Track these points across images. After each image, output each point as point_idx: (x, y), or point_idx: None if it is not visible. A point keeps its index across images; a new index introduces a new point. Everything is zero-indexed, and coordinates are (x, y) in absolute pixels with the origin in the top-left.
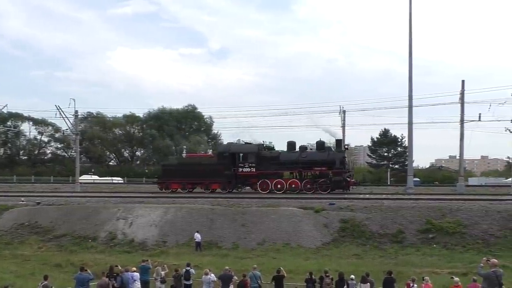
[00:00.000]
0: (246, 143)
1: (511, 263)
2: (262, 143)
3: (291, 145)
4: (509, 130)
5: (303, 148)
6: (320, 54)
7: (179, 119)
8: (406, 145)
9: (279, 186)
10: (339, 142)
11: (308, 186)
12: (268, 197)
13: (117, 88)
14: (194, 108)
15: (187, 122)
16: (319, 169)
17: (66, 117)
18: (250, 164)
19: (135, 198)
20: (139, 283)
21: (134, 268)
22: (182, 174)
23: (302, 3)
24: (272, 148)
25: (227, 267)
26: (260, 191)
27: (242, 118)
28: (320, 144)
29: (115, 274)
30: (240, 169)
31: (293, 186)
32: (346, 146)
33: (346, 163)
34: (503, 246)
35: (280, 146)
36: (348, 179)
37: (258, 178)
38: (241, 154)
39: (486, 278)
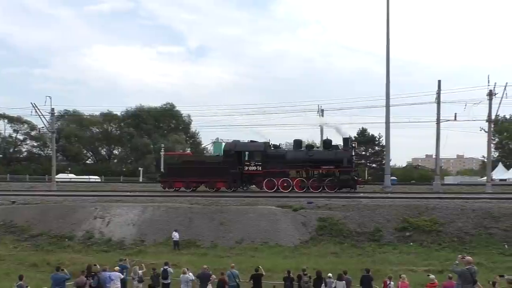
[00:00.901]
0: (251, 141)
1: (485, 261)
2: (268, 141)
3: (298, 143)
4: (484, 129)
5: (309, 146)
6: (298, 54)
7: (157, 118)
8: (384, 144)
9: (285, 184)
10: (346, 141)
11: (315, 185)
12: (246, 196)
13: (94, 86)
14: (173, 106)
15: (165, 121)
16: (327, 167)
17: (42, 115)
18: (256, 163)
19: (113, 197)
20: (119, 283)
21: (117, 268)
22: (186, 173)
23: (280, 2)
24: (278, 147)
25: (205, 266)
26: (266, 190)
27: (221, 117)
28: (327, 143)
29: (93, 273)
30: (246, 168)
31: (299, 185)
32: (353, 145)
33: (353, 161)
34: (477, 244)
35: None
36: (356, 178)
37: (264, 176)
38: (247, 153)
39: (461, 275)
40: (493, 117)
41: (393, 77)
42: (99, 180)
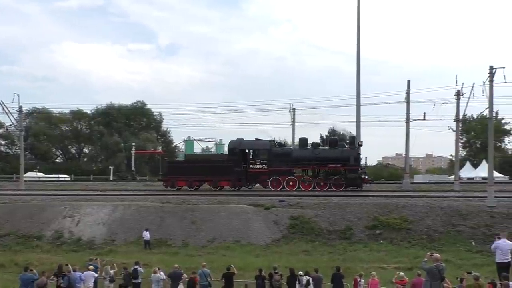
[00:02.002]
0: (256, 139)
1: (453, 258)
2: (273, 139)
3: (303, 141)
4: (452, 129)
5: (315, 145)
6: (269, 52)
7: (128, 116)
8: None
9: (291, 183)
10: (352, 139)
11: (322, 183)
12: (218, 195)
13: (64, 83)
14: (144, 104)
15: (136, 119)
16: (333, 166)
17: (10, 113)
18: (261, 161)
19: (83, 196)
20: (92, 283)
21: (91, 267)
22: (189, 171)
23: (252, 1)
24: (283, 145)
25: (176, 265)
26: (272, 189)
27: (193, 115)
28: (333, 141)
29: (63, 274)
30: (251, 166)
31: (306, 183)
32: (360, 143)
33: (360, 160)
34: (446, 241)
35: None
36: (363, 177)
37: (269, 175)
38: (252, 151)
39: (429, 272)
40: (460, 116)
41: (363, 76)
42: (69, 179)
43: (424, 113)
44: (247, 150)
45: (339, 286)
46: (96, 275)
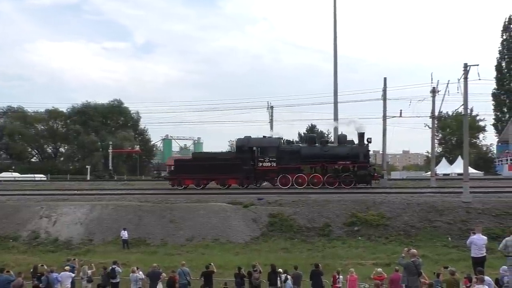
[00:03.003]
0: (264, 137)
1: (430, 253)
2: (282, 137)
3: (312, 139)
4: (428, 126)
5: (324, 142)
6: (246, 50)
7: (104, 114)
8: (332, 140)
9: (300, 180)
10: (361, 136)
11: (331, 180)
12: (196, 193)
13: (39, 82)
14: (120, 103)
15: (113, 118)
16: (343, 163)
17: None
18: (270, 159)
19: (59, 196)
20: (69, 284)
21: (67, 268)
22: (196, 170)
23: None
24: (291, 142)
25: (155, 264)
26: (280, 186)
27: (170, 114)
28: (342, 138)
29: (38, 274)
30: (260, 164)
31: (315, 180)
32: (369, 140)
33: (370, 156)
34: (423, 237)
35: (209, 141)
36: (372, 173)
37: (278, 173)
38: (260, 148)
39: (406, 267)
40: (436, 113)
41: (340, 74)
42: (45, 178)
43: (401, 110)
44: (255, 148)
45: (318, 283)
46: (73, 275)
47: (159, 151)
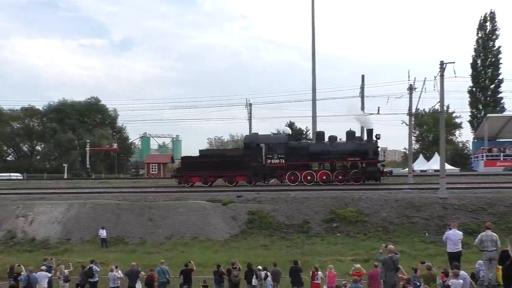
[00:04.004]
0: (273, 133)
1: (408, 249)
2: (290, 133)
3: (320, 135)
4: (405, 123)
5: (333, 138)
6: (225, 47)
7: (81, 112)
8: (311, 137)
9: (308, 177)
10: (370, 132)
11: (340, 177)
12: (175, 191)
13: (14, 80)
14: (98, 100)
15: (91, 115)
16: (352, 159)
17: None
18: (279, 155)
19: (36, 195)
20: (46, 284)
21: (44, 267)
22: (204, 167)
23: None
24: (299, 139)
25: (133, 263)
26: (289, 183)
27: (149, 111)
28: (350, 134)
29: (15, 274)
30: (268, 161)
31: (324, 177)
32: (377, 136)
33: (378, 153)
34: (400, 232)
35: (188, 138)
36: (381, 170)
37: (287, 169)
38: (269, 145)
39: (384, 263)
40: (413, 110)
41: (319, 71)
42: (21, 177)
43: (378, 107)
44: (263, 145)
45: (297, 279)
46: (50, 275)
47: (137, 149)
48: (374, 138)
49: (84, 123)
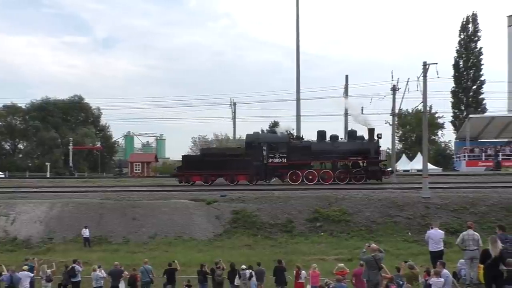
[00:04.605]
0: (274, 132)
1: (391, 248)
2: (291, 132)
3: (321, 134)
4: (389, 122)
5: (334, 137)
6: (209, 46)
7: (64, 110)
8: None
9: (310, 177)
10: (371, 131)
11: (342, 176)
12: (159, 190)
13: None
14: (81, 98)
15: (74, 114)
16: (354, 158)
17: None
18: (281, 155)
19: (18, 194)
20: (28, 284)
21: (26, 267)
22: (205, 166)
23: None
24: (301, 138)
25: (116, 262)
26: (290, 182)
27: (133, 110)
28: (352, 134)
29: None
30: (270, 160)
31: (325, 176)
32: (379, 135)
33: (380, 152)
34: (383, 232)
35: (172, 137)
36: (383, 169)
37: (288, 169)
38: (271, 144)
39: (367, 262)
40: (396, 111)
41: (303, 71)
42: (3, 176)
43: (362, 107)
44: (265, 144)
45: (281, 279)
46: (32, 275)
47: (120, 148)
48: (376, 138)
49: (67, 121)
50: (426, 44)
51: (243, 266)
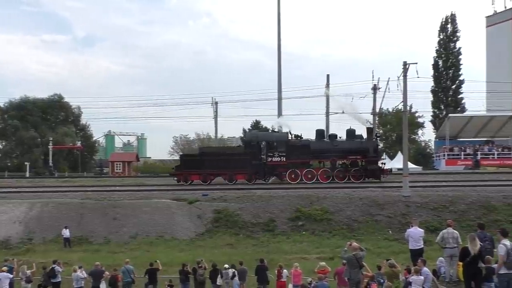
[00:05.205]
0: (273, 131)
1: (372, 246)
2: (290, 131)
3: (320, 133)
4: (370, 122)
5: (333, 136)
6: (189, 45)
7: (44, 109)
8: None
9: (309, 176)
10: (370, 130)
11: (341, 175)
12: (140, 190)
13: None
14: (61, 97)
15: (53, 113)
16: (353, 157)
17: None
18: (280, 153)
19: None
20: (7, 285)
21: (5, 268)
22: (204, 165)
23: None
24: (300, 137)
25: (97, 263)
26: (289, 181)
27: (114, 109)
28: (351, 132)
29: None
30: (269, 159)
31: (324, 175)
32: (377, 134)
33: (379, 151)
34: (365, 230)
35: (153, 137)
36: (382, 168)
37: (287, 167)
38: (270, 143)
39: (348, 260)
40: (377, 110)
41: (284, 70)
42: None
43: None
44: (264, 142)
45: (263, 278)
46: (11, 276)
47: (101, 147)
48: (374, 137)
49: (47, 120)
50: (407, 44)
51: (226, 266)
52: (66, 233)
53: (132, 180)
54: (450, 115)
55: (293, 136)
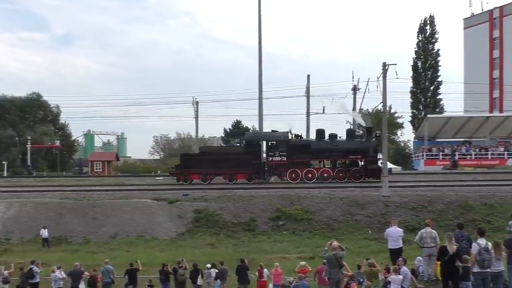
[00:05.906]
0: (273, 131)
1: (352, 246)
2: (290, 131)
3: (320, 133)
4: (350, 122)
5: (333, 136)
6: (169, 45)
7: (22, 108)
8: None
9: (309, 175)
10: (369, 130)
11: (341, 174)
12: (120, 189)
13: None
14: (39, 96)
15: (32, 111)
16: (354, 157)
17: None
18: (280, 153)
19: None
20: None
21: None
22: (204, 164)
23: None
24: (300, 136)
25: (77, 263)
26: (289, 181)
27: (93, 108)
28: (351, 132)
29: None
30: (270, 158)
31: (325, 175)
32: (377, 134)
33: (379, 150)
34: (345, 230)
35: (133, 136)
36: (382, 167)
37: (288, 167)
38: (270, 143)
39: (328, 260)
40: (357, 110)
41: (265, 70)
42: None
43: (324, 107)
44: (264, 142)
45: (244, 277)
46: None
47: (80, 147)
48: (374, 137)
49: (25, 119)
50: (388, 45)
51: (208, 265)
52: (44, 233)
53: (112, 179)
54: (428, 115)
55: (293, 135)
